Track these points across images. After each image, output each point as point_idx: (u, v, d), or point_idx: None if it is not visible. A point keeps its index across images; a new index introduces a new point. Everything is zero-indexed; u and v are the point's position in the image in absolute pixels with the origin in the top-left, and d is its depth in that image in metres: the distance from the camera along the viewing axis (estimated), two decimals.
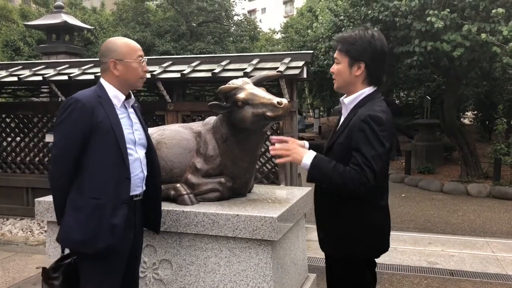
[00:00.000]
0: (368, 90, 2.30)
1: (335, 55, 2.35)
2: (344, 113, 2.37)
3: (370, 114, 2.14)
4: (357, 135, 2.14)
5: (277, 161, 2.35)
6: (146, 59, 2.46)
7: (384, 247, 2.39)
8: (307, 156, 2.22)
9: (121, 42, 2.37)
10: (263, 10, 48.19)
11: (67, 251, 2.46)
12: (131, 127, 2.40)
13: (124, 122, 2.35)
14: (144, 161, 2.46)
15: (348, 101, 2.33)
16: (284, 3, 46.87)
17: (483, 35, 7.66)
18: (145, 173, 2.46)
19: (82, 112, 2.21)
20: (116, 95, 2.36)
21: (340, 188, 2.16)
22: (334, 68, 2.35)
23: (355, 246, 2.30)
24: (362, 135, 2.12)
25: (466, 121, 18.88)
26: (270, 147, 2.35)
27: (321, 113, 27.71)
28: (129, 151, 2.33)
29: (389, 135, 2.17)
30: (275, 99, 2.68)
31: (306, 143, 2.58)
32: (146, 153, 2.50)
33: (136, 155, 2.40)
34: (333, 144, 2.34)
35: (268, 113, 2.67)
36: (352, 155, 2.14)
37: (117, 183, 2.28)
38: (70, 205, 2.27)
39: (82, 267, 2.33)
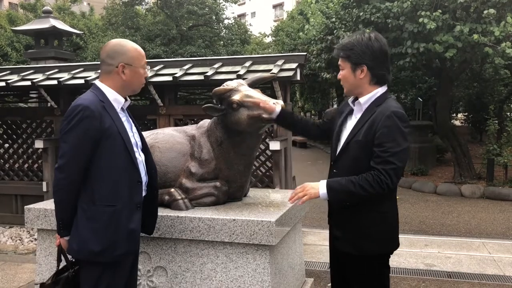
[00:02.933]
0: (381, 90, 2.36)
1: (339, 62, 2.42)
2: (358, 113, 2.40)
3: (394, 110, 2.22)
4: (381, 131, 2.20)
5: (299, 203, 2.40)
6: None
7: (398, 238, 2.44)
8: (321, 186, 2.29)
9: (131, 47, 2.32)
10: (253, 14, 48.26)
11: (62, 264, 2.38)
12: (131, 130, 2.36)
13: (126, 126, 2.31)
14: (145, 164, 2.42)
15: (364, 101, 2.37)
16: (274, 7, 46.95)
17: (475, 36, 7.68)
18: (147, 176, 2.43)
19: (92, 120, 2.14)
20: (116, 99, 2.31)
21: (366, 197, 2.22)
22: (340, 74, 2.43)
23: (378, 241, 2.33)
24: (387, 131, 2.19)
25: (457, 122, 18.97)
26: (288, 199, 2.42)
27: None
28: (135, 154, 2.30)
29: (410, 132, 2.27)
30: (271, 101, 2.63)
31: (278, 106, 2.65)
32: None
33: (140, 158, 2.37)
34: (348, 143, 2.36)
35: (264, 115, 2.63)
36: (374, 151, 2.21)
37: (130, 188, 2.25)
38: (83, 215, 2.20)
39: (87, 277, 2.25)
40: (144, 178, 2.38)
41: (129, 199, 2.25)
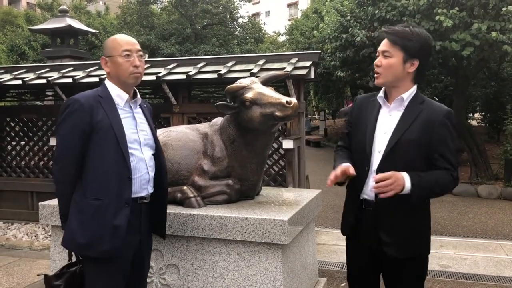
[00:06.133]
0: (415, 87, 2.29)
1: (385, 47, 2.23)
2: (396, 109, 2.28)
3: (450, 110, 2.21)
4: (442, 131, 2.17)
5: (381, 196, 2.15)
6: (143, 55, 2.38)
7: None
8: (407, 180, 2.14)
9: (111, 38, 2.38)
10: (267, 13, 48.19)
11: (73, 258, 2.39)
12: (135, 127, 2.34)
13: (127, 122, 2.30)
14: (150, 162, 2.39)
15: (406, 97, 2.26)
16: (288, 6, 46.82)
17: (493, 34, 7.54)
18: (151, 174, 2.39)
19: (81, 112, 2.19)
20: (119, 94, 2.32)
21: (439, 195, 2.28)
22: (382, 62, 2.24)
23: (425, 242, 2.33)
24: (448, 130, 2.18)
25: (474, 122, 18.70)
26: (374, 186, 2.15)
27: (326, 115, 27.61)
28: (132, 151, 2.27)
29: None
30: (284, 98, 2.62)
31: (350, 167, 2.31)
32: (153, 155, 2.43)
33: (141, 156, 2.33)
34: (397, 142, 2.21)
35: (277, 113, 2.61)
36: (439, 151, 2.17)
37: (118, 183, 2.22)
38: (74, 207, 2.23)
39: (86, 271, 2.28)
40: (144, 176, 2.33)
41: (116, 195, 2.21)
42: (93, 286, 2.26)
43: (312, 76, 5.36)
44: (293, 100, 2.61)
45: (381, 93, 2.34)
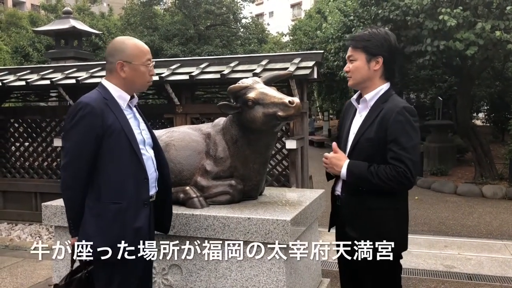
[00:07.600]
0: (385, 86, 2.37)
1: (349, 53, 2.40)
2: (363, 110, 2.40)
3: (405, 106, 2.24)
4: (393, 127, 2.20)
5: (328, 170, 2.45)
6: (154, 63, 2.40)
7: (407, 239, 2.44)
8: (344, 166, 2.31)
9: (131, 43, 2.29)
10: (271, 13, 48.12)
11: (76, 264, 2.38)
12: (138, 127, 2.35)
13: (131, 123, 2.30)
14: (155, 161, 2.41)
15: (369, 98, 2.37)
16: (292, 6, 46.77)
17: (498, 33, 7.50)
18: (157, 172, 2.41)
19: (93, 116, 2.15)
20: (121, 96, 2.30)
21: (383, 189, 2.23)
22: (349, 66, 2.39)
23: (394, 241, 2.29)
24: (400, 126, 2.19)
25: (479, 122, 18.62)
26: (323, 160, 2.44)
27: (330, 115, 27.55)
28: (141, 151, 2.28)
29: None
30: (287, 98, 2.61)
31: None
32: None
33: (148, 154, 2.35)
34: (358, 141, 2.35)
35: (280, 113, 2.60)
36: (389, 148, 2.21)
37: (136, 185, 2.23)
38: (89, 213, 2.20)
39: (99, 275, 2.25)
40: (153, 174, 2.36)
41: (135, 196, 2.22)
42: None
43: (315, 76, 5.35)
44: (296, 99, 2.60)
45: (355, 96, 2.48)
